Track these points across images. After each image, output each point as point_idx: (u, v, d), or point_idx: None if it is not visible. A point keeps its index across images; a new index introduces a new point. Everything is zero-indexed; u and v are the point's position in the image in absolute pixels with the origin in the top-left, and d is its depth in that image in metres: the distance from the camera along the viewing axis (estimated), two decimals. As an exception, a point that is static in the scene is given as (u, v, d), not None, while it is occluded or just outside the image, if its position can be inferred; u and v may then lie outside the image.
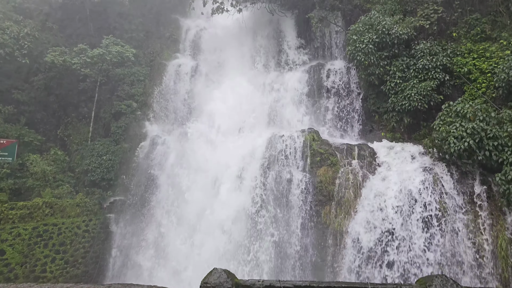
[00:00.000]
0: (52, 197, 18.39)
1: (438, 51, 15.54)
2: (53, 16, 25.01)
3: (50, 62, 21.48)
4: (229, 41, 22.40)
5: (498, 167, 11.89)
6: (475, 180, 12.43)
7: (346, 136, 17.55)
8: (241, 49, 21.82)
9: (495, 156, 11.79)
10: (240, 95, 20.09)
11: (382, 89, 16.42)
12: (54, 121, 22.94)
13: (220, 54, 22.63)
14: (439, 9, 16.19)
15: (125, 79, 22.60)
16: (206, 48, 23.65)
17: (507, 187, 11.19)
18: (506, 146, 11.76)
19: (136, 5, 25.35)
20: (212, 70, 22.06)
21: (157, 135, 20.25)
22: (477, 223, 11.56)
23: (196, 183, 16.94)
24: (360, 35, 16.82)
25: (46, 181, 19.32)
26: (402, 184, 12.76)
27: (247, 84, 20.43)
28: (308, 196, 14.39)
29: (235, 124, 19.29)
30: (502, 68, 13.48)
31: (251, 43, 21.88)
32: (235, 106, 19.77)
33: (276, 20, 21.56)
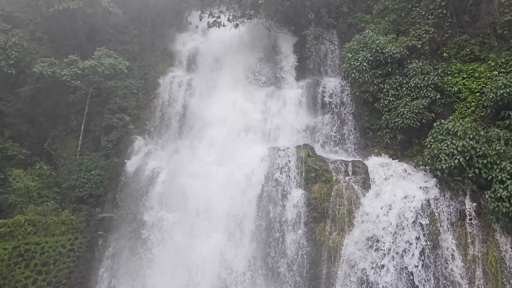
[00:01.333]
0: (35, 214, 18.46)
1: (429, 70, 16.84)
2: (44, 26, 25.84)
3: (38, 73, 22.12)
4: (225, 55, 23.44)
5: (487, 184, 12.91)
6: (465, 197, 13.42)
7: (341, 152, 18.52)
8: (237, 64, 22.83)
9: (485, 173, 12.82)
10: (235, 110, 20.96)
11: (376, 106, 17.57)
12: (40, 134, 23.41)
13: (216, 69, 23.62)
14: (430, 30, 17.57)
15: (117, 92, 23.33)
16: (202, 62, 24.66)
17: (496, 204, 12.15)
18: (495, 164, 12.83)
19: (131, 17, 26.35)
20: (207, 85, 22.99)
21: (149, 151, 20.89)
22: (468, 239, 12.50)
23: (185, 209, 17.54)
24: (354, 53, 18.06)
25: (30, 197, 19.55)
26: (395, 201, 13.69)
27: (242, 99, 21.37)
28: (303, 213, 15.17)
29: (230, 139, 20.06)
30: (491, 88, 14.71)
31: (247, 58, 22.96)
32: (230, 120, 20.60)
33: (273, 36, 22.79)
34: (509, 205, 11.91)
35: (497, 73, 15.39)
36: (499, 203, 12.09)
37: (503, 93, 14.12)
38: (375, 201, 14.25)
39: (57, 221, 18.89)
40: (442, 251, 12.50)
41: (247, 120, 20.18)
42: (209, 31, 23.35)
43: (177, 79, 23.74)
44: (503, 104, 14.40)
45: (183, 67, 25.06)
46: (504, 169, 12.52)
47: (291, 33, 22.56)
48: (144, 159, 20.66)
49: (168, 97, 23.02)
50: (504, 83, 14.22)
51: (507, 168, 12.47)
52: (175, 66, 25.09)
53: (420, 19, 18.34)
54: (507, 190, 12.06)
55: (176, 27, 27.40)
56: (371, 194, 14.69)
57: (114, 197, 20.23)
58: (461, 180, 13.65)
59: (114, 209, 20.22)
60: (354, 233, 13.74)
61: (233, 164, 17.72)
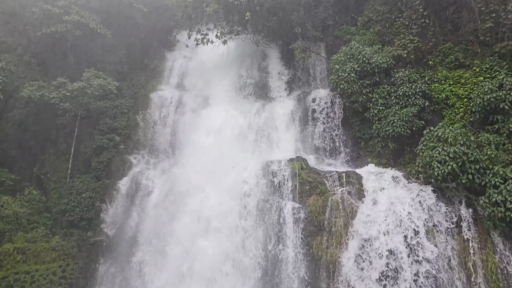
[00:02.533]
0: (24, 242, 17.96)
1: (416, 78, 16.94)
2: (32, 50, 25.61)
3: (26, 97, 21.77)
4: (215, 71, 23.45)
5: (482, 190, 12.82)
6: (461, 204, 13.28)
7: (334, 163, 18.33)
8: (227, 79, 22.83)
9: (478, 179, 12.74)
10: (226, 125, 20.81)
11: (366, 116, 17.55)
12: (30, 158, 22.92)
13: (206, 85, 23.58)
14: (414, 39, 17.78)
15: (107, 112, 23.05)
16: (192, 79, 24.60)
17: (491, 209, 12.03)
18: (488, 169, 12.78)
19: (120, 38, 26.30)
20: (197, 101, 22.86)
21: (141, 170, 20.53)
22: (466, 247, 12.27)
23: (181, 224, 17.16)
24: (342, 64, 18.14)
25: (19, 224, 19.00)
26: (390, 210, 13.50)
27: (233, 113, 21.24)
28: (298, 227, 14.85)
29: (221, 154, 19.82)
30: (477, 94, 14.82)
31: (236, 73, 22.98)
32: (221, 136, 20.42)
33: (261, 51, 22.89)
34: (504, 210, 11.82)
35: (483, 78, 15.55)
36: (494, 208, 12.00)
37: (490, 98, 14.24)
38: (371, 211, 14.03)
39: (48, 248, 18.30)
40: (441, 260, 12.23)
41: (238, 134, 20.01)
42: (197, 48, 23.39)
43: (167, 97, 23.59)
44: (490, 109, 14.49)
45: (173, 84, 24.96)
46: (497, 173, 12.48)
47: (278, 47, 22.74)
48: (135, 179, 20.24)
49: (159, 115, 22.80)
50: (490, 88, 14.36)
51: (499, 173, 12.43)
52: (165, 84, 24.98)
53: (404, 29, 18.60)
54: (501, 195, 11.99)
55: (165, 45, 27.43)
56: (366, 204, 14.46)
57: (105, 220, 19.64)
58: (455, 186, 13.54)
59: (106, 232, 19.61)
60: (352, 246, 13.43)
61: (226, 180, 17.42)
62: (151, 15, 26.79)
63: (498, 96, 14.08)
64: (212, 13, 20.93)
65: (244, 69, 23.00)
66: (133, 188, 20.07)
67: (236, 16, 21.34)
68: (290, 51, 21.60)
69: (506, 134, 14.01)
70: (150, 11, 26.55)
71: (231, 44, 22.45)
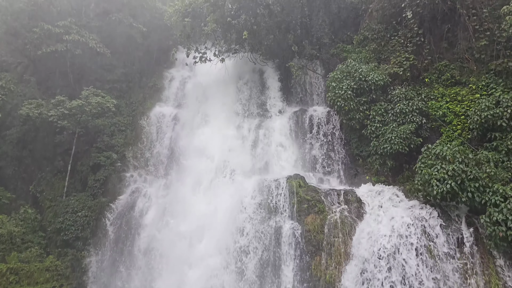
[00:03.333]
0: (18, 262, 17.56)
1: (413, 95, 16.86)
2: (31, 68, 25.71)
3: (25, 115, 21.68)
4: (213, 89, 23.48)
5: (482, 208, 12.53)
6: (461, 223, 12.95)
7: (332, 180, 18.08)
8: (225, 97, 22.82)
9: (478, 197, 12.45)
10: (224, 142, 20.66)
11: (364, 133, 17.38)
12: (26, 176, 22.67)
13: (204, 102, 23.55)
14: (410, 57, 17.81)
15: (105, 130, 22.93)
16: (190, 97, 24.62)
17: (493, 229, 11.70)
18: (487, 187, 12.50)
19: (119, 56, 26.46)
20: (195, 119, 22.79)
21: (138, 188, 20.25)
22: (468, 268, 11.89)
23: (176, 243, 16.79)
24: (338, 82, 18.09)
25: (13, 244, 18.60)
26: (390, 230, 13.14)
27: (231, 131, 21.14)
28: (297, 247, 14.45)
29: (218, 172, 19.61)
30: (474, 111, 14.70)
31: (234, 90, 23.00)
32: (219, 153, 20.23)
33: (258, 68, 22.98)
34: (505, 229, 11.49)
35: (479, 95, 15.47)
36: (495, 227, 11.67)
37: (487, 115, 14.12)
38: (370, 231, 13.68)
39: (41, 268, 17.86)
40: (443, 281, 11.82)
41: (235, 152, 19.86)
42: (195, 66, 23.49)
43: (165, 115, 23.53)
44: (488, 126, 14.34)
45: (171, 102, 24.97)
46: (497, 191, 12.21)
47: (276, 64, 22.83)
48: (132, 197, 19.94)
49: (156, 133, 22.69)
50: (487, 105, 14.27)
51: (499, 191, 12.17)
52: (163, 101, 24.97)
53: (400, 47, 18.66)
54: (502, 214, 11.69)
55: (164, 63, 27.58)
56: (365, 224, 14.15)
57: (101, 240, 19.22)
58: (455, 205, 13.23)
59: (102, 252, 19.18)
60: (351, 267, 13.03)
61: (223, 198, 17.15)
62: (150, 34, 27.06)
63: (495, 113, 13.98)
64: (210, 32, 21.09)
65: (241, 87, 23.03)
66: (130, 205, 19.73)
67: (233, 35, 21.52)
68: (287, 69, 21.67)
69: (504, 151, 13.83)
70: (149, 30, 26.83)
71: (228, 62, 22.56)
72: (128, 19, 26.02)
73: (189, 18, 22.17)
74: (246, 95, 22.61)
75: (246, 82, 23.13)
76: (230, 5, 20.32)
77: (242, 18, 20.25)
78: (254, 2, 20.43)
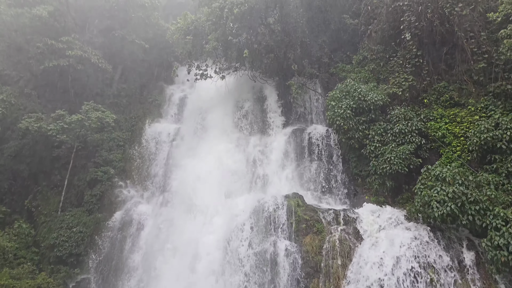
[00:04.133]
0: (9, 279, 16.93)
1: (412, 116, 16.80)
2: (33, 82, 25.77)
3: (24, 128, 21.57)
4: (213, 105, 23.54)
5: (483, 231, 12.28)
6: (462, 246, 12.69)
7: (331, 200, 17.84)
8: (224, 113, 22.86)
9: (479, 220, 12.23)
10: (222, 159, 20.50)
11: (363, 153, 17.24)
12: (22, 190, 22.35)
13: (203, 119, 23.56)
14: (409, 78, 17.84)
15: (103, 145, 22.80)
16: (189, 113, 24.67)
17: (494, 253, 11.44)
18: (488, 210, 12.29)
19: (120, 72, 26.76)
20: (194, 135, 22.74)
21: (134, 204, 19.96)
22: (470, 292, 11.55)
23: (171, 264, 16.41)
24: (338, 101, 18.06)
25: (5, 260, 18.11)
26: (390, 252, 12.83)
27: (230, 148, 21.02)
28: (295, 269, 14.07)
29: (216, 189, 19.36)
30: (474, 132, 14.62)
31: (234, 107, 23.05)
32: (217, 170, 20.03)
33: (258, 86, 23.09)
34: (507, 253, 11.22)
35: (478, 117, 15.42)
36: (497, 251, 11.42)
37: (487, 137, 14.03)
38: (369, 253, 13.35)
39: (33, 285, 17.21)
40: (444, 307, 11.46)
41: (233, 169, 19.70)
42: (196, 82, 23.58)
43: (164, 131, 23.46)
44: (488, 148, 14.24)
45: (170, 118, 24.99)
46: (498, 215, 12.01)
47: (275, 82, 22.96)
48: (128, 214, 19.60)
49: (155, 149, 22.56)
50: (487, 127, 14.20)
51: (500, 214, 11.97)
52: (163, 117, 24.98)
53: (399, 67, 18.73)
54: (503, 238, 11.46)
55: (165, 79, 27.77)
56: (364, 245, 13.81)
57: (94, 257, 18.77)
58: (456, 227, 12.99)
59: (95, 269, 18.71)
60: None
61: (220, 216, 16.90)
62: (152, 51, 27.35)
63: (495, 135, 13.89)
64: (211, 50, 21.31)
65: (241, 104, 23.10)
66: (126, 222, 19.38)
67: (234, 53, 21.73)
68: (286, 87, 21.77)
69: (505, 174, 13.68)
70: (151, 47, 27.13)
71: (229, 79, 22.69)
72: (131, 35, 26.35)
73: (191, 36, 22.45)
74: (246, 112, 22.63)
75: (245, 100, 23.20)
76: (231, 24, 20.53)
77: (243, 37, 20.54)
78: (255, 22, 20.74)
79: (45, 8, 24.65)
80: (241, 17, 20.19)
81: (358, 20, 22.23)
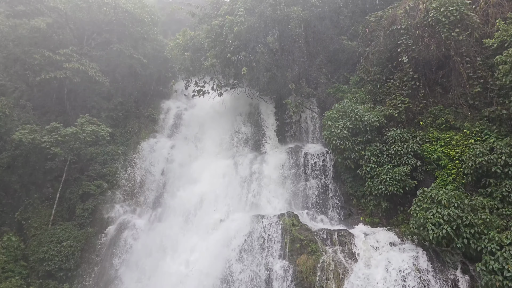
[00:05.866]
0: (-4, 293, 16.91)
1: (408, 138, 17.14)
2: (28, 93, 25.90)
3: (17, 140, 21.53)
4: (209, 122, 23.83)
5: (477, 255, 12.44)
6: (457, 269, 12.82)
7: (326, 220, 17.92)
8: (220, 130, 23.12)
9: (474, 244, 12.43)
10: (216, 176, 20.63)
11: (359, 173, 17.46)
12: (13, 202, 22.17)
13: (199, 134, 23.81)
14: (405, 100, 18.24)
15: (97, 158, 22.83)
16: (185, 129, 24.90)
17: (489, 278, 11.58)
18: (483, 234, 12.50)
19: (117, 85, 26.88)
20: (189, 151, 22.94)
21: (126, 219, 19.89)
22: (465, 318, 11.60)
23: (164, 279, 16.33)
24: (334, 121, 18.39)
25: (-7, 274, 17.96)
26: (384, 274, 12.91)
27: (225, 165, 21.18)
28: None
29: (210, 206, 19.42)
30: (469, 156, 14.91)
31: (230, 124, 23.35)
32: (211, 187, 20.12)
33: (255, 104, 23.46)
34: (502, 278, 11.37)
35: (473, 141, 15.74)
36: (492, 276, 11.56)
37: (482, 161, 14.33)
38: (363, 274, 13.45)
39: (20, 300, 17.14)
40: (439, 333, 11.48)
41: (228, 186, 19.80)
42: (193, 98, 23.90)
43: (159, 146, 23.62)
44: (482, 172, 14.53)
45: (166, 133, 25.16)
46: (493, 239, 12.21)
47: (273, 100, 23.32)
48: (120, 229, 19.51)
49: (149, 164, 22.65)
50: (482, 151, 14.50)
51: (495, 238, 12.16)
52: (159, 132, 25.15)
53: (395, 89, 19.08)
54: (498, 262, 11.63)
55: (162, 94, 28.06)
56: (358, 266, 13.90)
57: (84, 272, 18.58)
58: (450, 250, 13.13)
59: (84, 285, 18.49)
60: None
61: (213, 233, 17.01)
62: (149, 65, 27.67)
63: (490, 160, 14.17)
64: (209, 67, 21.67)
65: (238, 121, 23.41)
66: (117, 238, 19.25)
67: (232, 70, 22.14)
68: (283, 106, 22.11)
69: (499, 198, 13.91)
70: (149, 61, 27.45)
71: (226, 96, 23.04)
72: (129, 49, 26.65)
73: (189, 52, 22.90)
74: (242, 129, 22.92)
75: (242, 117, 23.53)
76: (230, 42, 20.85)
77: (242, 55, 20.93)
78: (254, 40, 21.22)
79: (44, 20, 24.89)
80: (240, 35, 20.59)
81: (356, 42, 22.71)
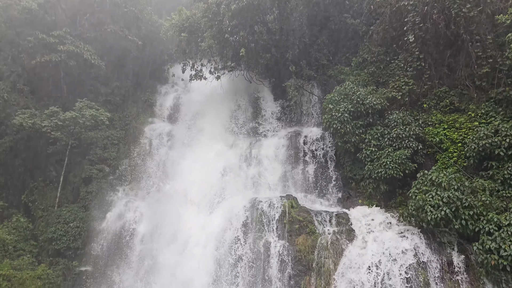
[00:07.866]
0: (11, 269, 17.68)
1: (410, 121, 17.22)
2: (25, 78, 25.97)
3: (18, 124, 21.91)
4: (207, 105, 23.88)
5: (475, 236, 12.88)
6: (453, 249, 13.31)
7: (324, 202, 18.36)
8: (219, 114, 23.20)
9: (471, 225, 12.80)
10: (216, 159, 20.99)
11: (358, 157, 17.66)
12: (19, 185, 22.92)
13: (197, 119, 23.95)
14: (409, 82, 18.14)
15: (98, 143, 23.24)
16: (183, 113, 25.05)
17: (485, 256, 12.06)
18: (482, 215, 12.86)
19: (113, 69, 26.89)
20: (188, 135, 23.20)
21: (129, 201, 20.49)
22: (458, 295, 12.13)
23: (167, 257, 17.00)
24: (335, 104, 18.42)
25: (6, 251, 18.92)
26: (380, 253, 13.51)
27: (224, 149, 21.50)
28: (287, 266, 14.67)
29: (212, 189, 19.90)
30: (472, 139, 15.04)
31: (229, 108, 23.43)
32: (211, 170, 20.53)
33: (254, 87, 23.38)
34: (498, 257, 11.86)
35: (478, 123, 15.79)
36: (488, 255, 12.06)
37: (485, 143, 14.46)
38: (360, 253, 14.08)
39: (33, 276, 18.06)
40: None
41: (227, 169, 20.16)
42: (190, 82, 23.91)
43: (158, 130, 23.87)
44: (485, 154, 14.69)
45: (165, 118, 25.37)
46: (491, 220, 12.59)
47: (271, 84, 23.19)
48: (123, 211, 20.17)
49: (149, 148, 22.99)
50: (486, 133, 14.60)
51: (494, 220, 12.54)
52: (157, 117, 25.37)
53: (399, 71, 18.97)
54: (495, 242, 12.09)
55: (159, 78, 28.01)
56: (356, 246, 14.54)
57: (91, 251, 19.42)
58: (448, 231, 13.53)
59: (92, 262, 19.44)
60: (340, 287, 13.24)
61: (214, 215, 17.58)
62: (145, 48, 27.49)
63: (494, 142, 14.29)
64: (207, 48, 21.37)
65: (236, 105, 23.50)
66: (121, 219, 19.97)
67: (230, 51, 21.77)
68: (283, 89, 22.02)
69: (500, 180, 14.17)
70: (144, 44, 27.23)
71: (224, 80, 22.85)
72: (124, 31, 26.35)
73: (185, 33, 22.29)
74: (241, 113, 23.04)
75: (241, 100, 23.59)
76: (228, 21, 20.28)
77: (240, 35, 20.37)
78: (253, 20, 20.65)
79: (35, 0, 24.80)
80: (239, 14, 20.10)
81: (359, 20, 22.22)
